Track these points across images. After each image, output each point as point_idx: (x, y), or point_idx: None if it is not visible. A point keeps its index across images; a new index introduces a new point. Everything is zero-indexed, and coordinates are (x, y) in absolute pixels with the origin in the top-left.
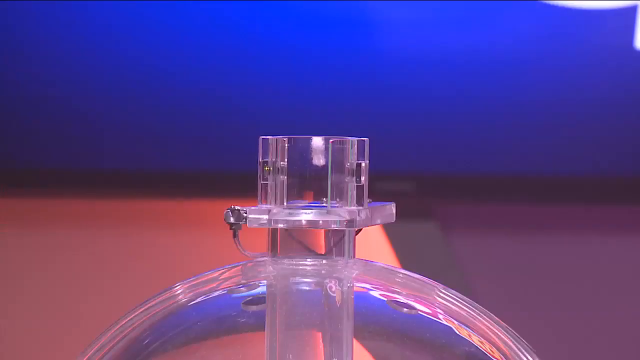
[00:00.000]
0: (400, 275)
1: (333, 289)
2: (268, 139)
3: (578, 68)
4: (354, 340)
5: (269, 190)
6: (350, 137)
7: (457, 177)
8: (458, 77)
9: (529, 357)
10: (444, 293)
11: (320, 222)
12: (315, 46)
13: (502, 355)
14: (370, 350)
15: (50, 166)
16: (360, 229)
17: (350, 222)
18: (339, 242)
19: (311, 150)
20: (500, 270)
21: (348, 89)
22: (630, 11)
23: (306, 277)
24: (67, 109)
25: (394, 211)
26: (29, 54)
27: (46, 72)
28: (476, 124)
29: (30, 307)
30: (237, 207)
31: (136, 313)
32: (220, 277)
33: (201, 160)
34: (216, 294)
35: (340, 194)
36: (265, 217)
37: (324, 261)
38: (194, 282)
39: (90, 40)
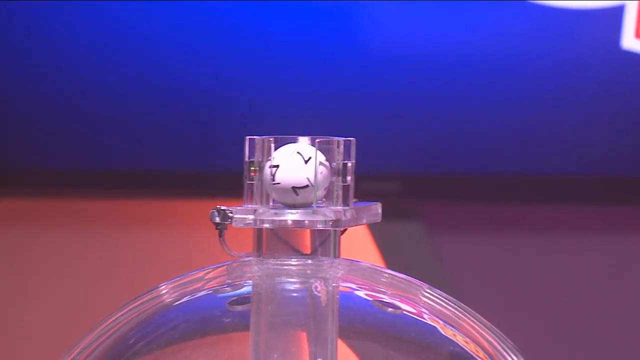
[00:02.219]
0: (386, 275)
1: (318, 289)
2: (254, 139)
3: (566, 67)
4: (339, 340)
5: (255, 190)
6: (336, 137)
7: (442, 177)
8: (445, 77)
9: (514, 357)
10: (429, 293)
11: (306, 222)
12: (302, 46)
13: (487, 355)
14: (355, 349)
15: (43, 166)
16: (346, 229)
17: (336, 222)
18: (324, 242)
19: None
20: (486, 270)
21: (335, 89)
22: (617, 11)
23: (291, 277)
24: (58, 109)
25: (379, 211)
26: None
27: (39, 72)
28: (462, 124)
29: (15, 306)
30: (222, 207)
31: (121, 313)
32: (206, 277)
33: (189, 161)
34: (201, 293)
35: (326, 194)
36: (251, 217)
37: (310, 261)
38: (179, 282)
39: (85, 41)
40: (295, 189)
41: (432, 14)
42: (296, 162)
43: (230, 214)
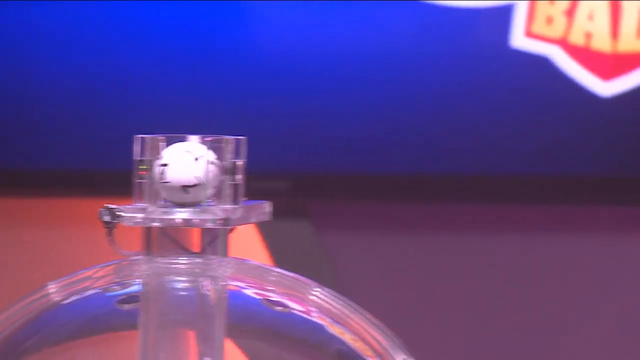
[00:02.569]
0: (274, 273)
1: (207, 288)
2: (144, 137)
3: (455, 66)
4: (227, 339)
5: (145, 189)
6: (226, 136)
7: (330, 175)
8: (335, 76)
9: (402, 355)
10: (317, 291)
11: (195, 220)
12: (192, 44)
13: (374, 353)
14: (243, 348)
15: None
16: (235, 227)
17: (226, 221)
18: (213, 240)
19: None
20: (374, 268)
21: (225, 87)
22: (506, 10)
23: (180, 275)
24: None
25: (268, 210)
26: None
27: None
28: (351, 122)
29: None
30: (111, 206)
31: (9, 312)
32: (94, 276)
33: (80, 159)
34: (90, 292)
35: (216, 192)
36: (141, 215)
37: (199, 260)
38: (67, 281)
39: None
40: (184, 187)
41: (324, 12)
42: (186, 160)
43: (119, 213)
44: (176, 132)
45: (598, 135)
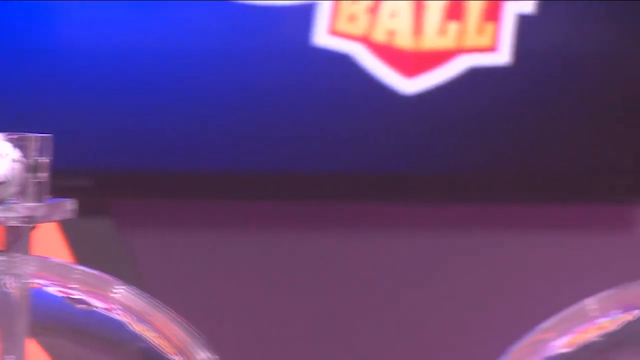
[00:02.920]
0: (77, 271)
1: (10, 286)
2: None
3: (257, 64)
4: (30, 337)
5: None
6: (31, 134)
7: (133, 173)
8: (141, 73)
9: (204, 352)
10: (120, 289)
11: None
12: None
13: (176, 350)
14: (45, 346)
15: None
16: (37, 225)
17: (30, 219)
18: (17, 238)
19: None
20: (177, 266)
21: (31, 84)
22: (308, 7)
23: None
24: None
25: (71, 207)
26: None
27: None
28: (153, 119)
29: None
30: None
31: None
32: None
33: None
34: None
35: (20, 190)
36: None
37: (2, 258)
38: None
39: None
40: None
41: (134, 10)
42: None
43: None
44: None
45: (400, 132)
